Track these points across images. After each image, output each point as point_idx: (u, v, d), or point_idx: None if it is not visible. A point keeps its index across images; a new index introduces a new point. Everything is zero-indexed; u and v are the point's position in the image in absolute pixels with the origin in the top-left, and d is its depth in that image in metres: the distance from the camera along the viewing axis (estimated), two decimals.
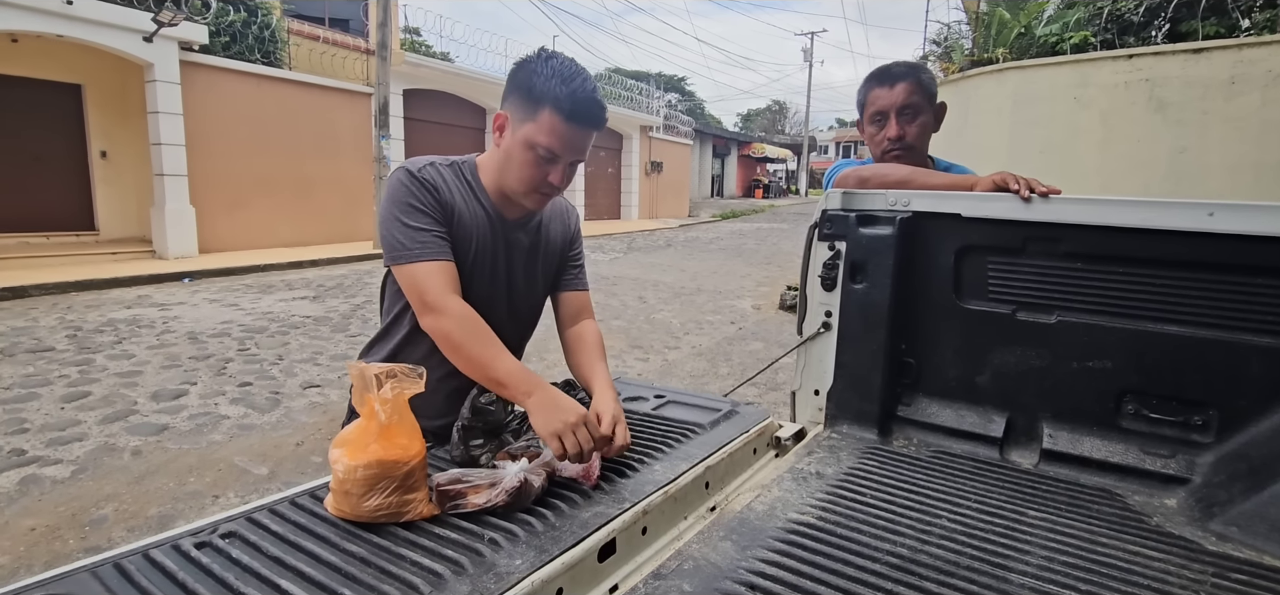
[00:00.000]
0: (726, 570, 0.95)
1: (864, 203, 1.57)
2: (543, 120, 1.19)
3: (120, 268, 8.54)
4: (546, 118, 1.19)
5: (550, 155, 1.22)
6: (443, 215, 1.25)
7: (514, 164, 1.25)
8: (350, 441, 0.96)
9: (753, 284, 9.64)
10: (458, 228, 1.28)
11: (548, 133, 1.20)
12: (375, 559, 0.87)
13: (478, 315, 1.21)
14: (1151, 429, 1.33)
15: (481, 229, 1.31)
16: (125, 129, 10.08)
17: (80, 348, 5.27)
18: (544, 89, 1.19)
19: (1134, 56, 5.47)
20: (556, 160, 1.23)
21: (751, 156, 39.81)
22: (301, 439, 3.68)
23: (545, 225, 1.43)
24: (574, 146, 1.23)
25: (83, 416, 3.87)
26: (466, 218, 1.29)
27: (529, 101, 1.21)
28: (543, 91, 1.19)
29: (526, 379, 1.17)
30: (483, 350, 1.19)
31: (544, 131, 1.20)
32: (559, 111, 1.19)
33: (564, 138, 1.21)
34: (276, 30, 11.34)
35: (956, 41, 9.35)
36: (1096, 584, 0.94)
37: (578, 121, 1.20)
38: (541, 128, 1.20)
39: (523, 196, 1.28)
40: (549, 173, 1.24)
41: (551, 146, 1.21)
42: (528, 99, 1.21)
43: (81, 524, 2.76)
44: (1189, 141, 5.25)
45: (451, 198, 1.27)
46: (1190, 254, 1.26)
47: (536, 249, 1.41)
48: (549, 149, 1.21)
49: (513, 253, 1.36)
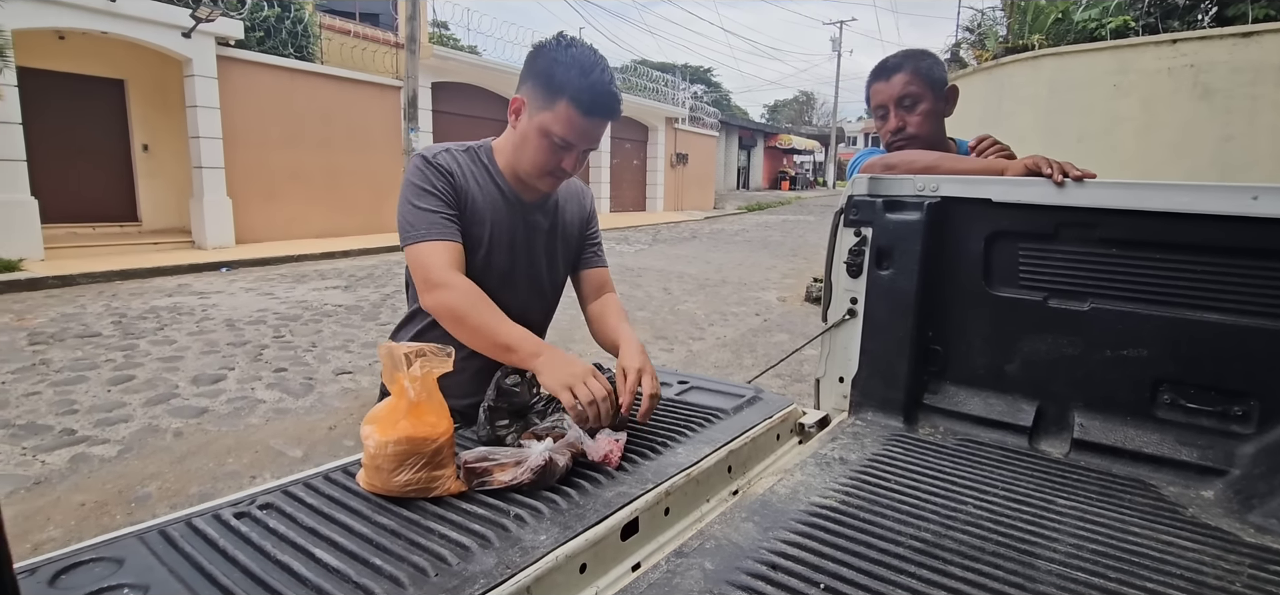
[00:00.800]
0: (748, 550, 0.96)
1: (891, 188, 1.55)
2: (560, 110, 1.21)
3: (162, 257, 8.82)
4: (563, 108, 1.21)
5: (565, 144, 1.24)
6: (454, 199, 1.28)
7: (529, 148, 1.27)
8: (381, 419, 0.99)
9: (778, 276, 9.57)
10: (472, 210, 1.31)
11: (564, 123, 1.22)
12: (405, 531, 0.90)
13: (479, 288, 1.24)
14: (1188, 419, 1.30)
15: (498, 210, 1.34)
16: (165, 123, 10.39)
17: (125, 333, 5.47)
18: (563, 79, 1.20)
19: (1178, 41, 5.28)
20: (571, 149, 1.25)
21: (778, 148, 39.41)
22: (334, 423, 3.77)
23: (562, 206, 1.45)
24: (589, 136, 1.25)
25: (128, 399, 4.02)
26: (481, 200, 1.32)
27: (547, 90, 1.22)
28: (562, 82, 1.20)
29: (533, 341, 1.19)
30: (486, 319, 1.20)
31: (561, 122, 1.22)
32: (577, 105, 1.20)
33: (580, 129, 1.23)
34: (309, 25, 11.56)
35: (990, 28, 9.13)
36: (1127, 573, 0.92)
37: (595, 114, 1.23)
38: (558, 118, 1.22)
39: (536, 180, 1.31)
40: (563, 159, 1.26)
41: (567, 136, 1.23)
42: (546, 87, 1.22)
43: (128, 500, 2.87)
44: (1236, 129, 5.06)
45: (465, 182, 1.31)
46: (1232, 239, 1.22)
47: (555, 230, 1.44)
48: (564, 138, 1.23)
49: (532, 234, 1.39)
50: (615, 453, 1.12)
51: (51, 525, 2.66)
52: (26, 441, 3.38)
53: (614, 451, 1.12)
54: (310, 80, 11.15)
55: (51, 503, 2.82)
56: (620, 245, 12.77)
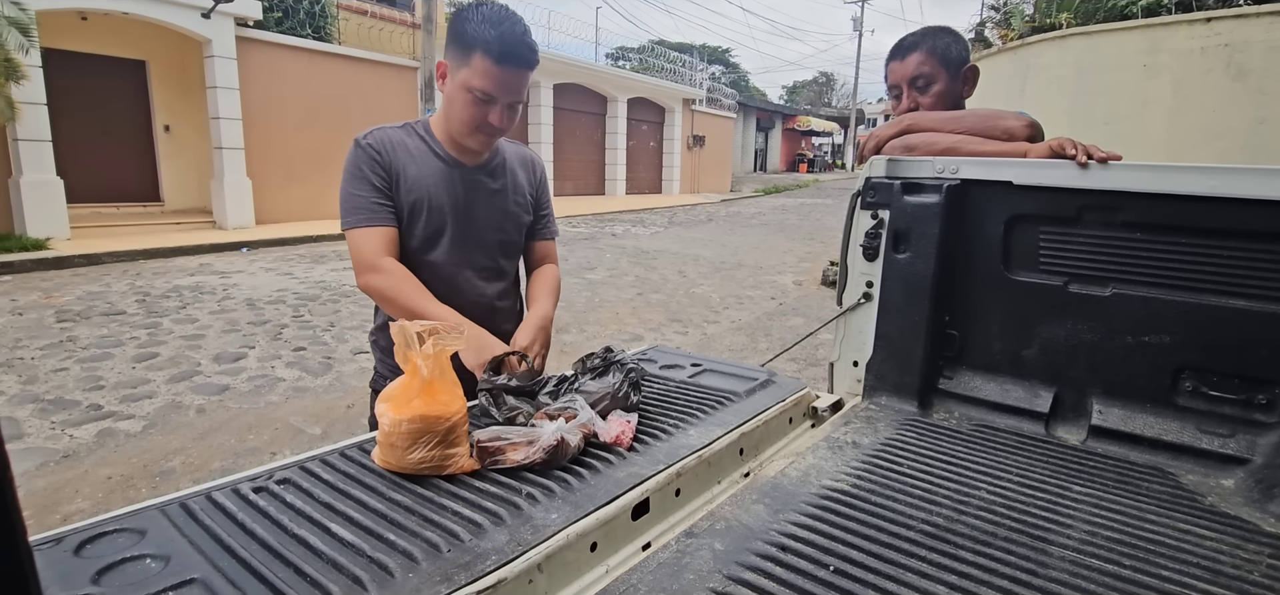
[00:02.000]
0: (758, 531, 0.96)
1: (909, 170, 1.52)
2: (475, 64, 1.28)
3: (184, 237, 8.97)
4: (478, 61, 1.28)
5: (486, 97, 1.30)
6: (385, 177, 1.35)
7: (455, 107, 1.34)
8: (395, 397, 1.00)
9: (794, 259, 9.51)
10: (406, 180, 1.37)
11: (481, 75, 1.28)
12: (419, 508, 0.91)
13: (408, 271, 1.33)
14: (1210, 407, 1.27)
15: (437, 175, 1.40)
16: (186, 104, 10.51)
17: (149, 312, 5.58)
18: (475, 34, 1.27)
19: (1212, 20, 5.11)
20: (493, 101, 1.31)
21: (796, 130, 38.94)
22: (352, 401, 3.83)
23: (510, 170, 1.52)
24: (508, 87, 1.31)
25: (152, 376, 4.11)
26: (416, 169, 1.38)
27: (462, 48, 1.29)
28: (474, 37, 1.27)
29: (454, 319, 1.28)
30: (411, 300, 1.30)
31: (477, 75, 1.28)
32: (489, 54, 1.26)
33: (496, 79, 1.28)
34: (326, 5, 11.58)
35: (1016, 7, 8.90)
36: (1142, 560, 0.91)
37: (508, 63, 1.28)
38: (475, 72, 1.28)
39: (467, 137, 1.37)
40: (488, 114, 1.32)
41: (486, 88, 1.29)
42: (461, 45, 1.29)
43: (152, 474, 2.94)
44: (1271, 111, 4.90)
45: (394, 155, 1.37)
46: (1263, 224, 1.19)
47: (504, 191, 1.50)
48: (484, 91, 1.29)
49: (475, 194, 1.45)
50: (627, 434, 1.13)
51: (79, 497, 2.74)
52: (56, 416, 3.47)
53: (626, 432, 1.13)
54: (328, 61, 11.20)
55: (79, 475, 2.91)
56: (636, 228, 12.75)
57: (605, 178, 19.35)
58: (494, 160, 1.49)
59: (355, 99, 11.57)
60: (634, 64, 24.91)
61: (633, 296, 6.83)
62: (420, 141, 1.42)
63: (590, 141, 18.76)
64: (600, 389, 1.21)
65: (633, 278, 7.81)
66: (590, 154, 18.82)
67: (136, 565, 0.77)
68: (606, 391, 1.20)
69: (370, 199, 1.35)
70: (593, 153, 18.91)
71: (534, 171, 1.59)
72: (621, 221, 13.80)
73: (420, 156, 1.41)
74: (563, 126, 17.08)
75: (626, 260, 8.98)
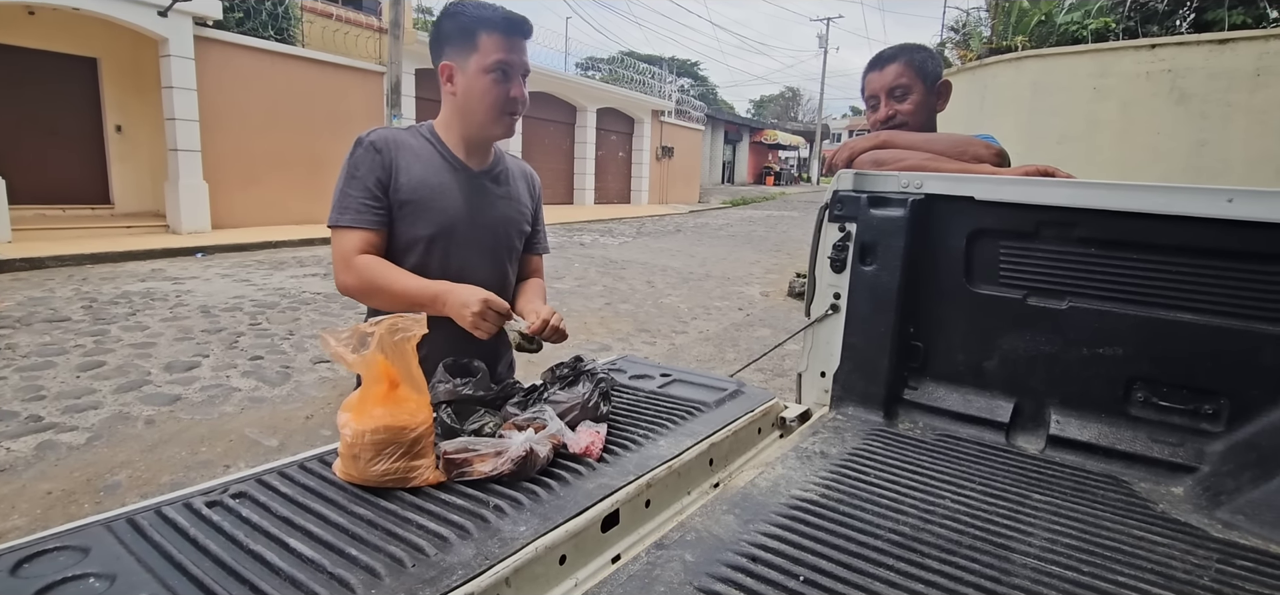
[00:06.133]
0: (728, 542, 0.96)
1: (876, 184, 1.55)
2: (485, 44, 1.33)
3: (135, 241, 8.63)
4: (486, 40, 1.33)
5: (505, 69, 1.34)
6: (381, 178, 1.35)
7: (475, 97, 1.36)
8: (357, 406, 0.97)
9: (762, 270, 9.61)
10: (410, 180, 1.37)
11: (496, 49, 1.33)
12: (382, 521, 0.88)
13: (380, 260, 1.34)
14: (1160, 417, 1.32)
15: (443, 176, 1.40)
16: (140, 104, 10.14)
17: (95, 319, 5.34)
18: (474, 17, 1.33)
19: (1157, 46, 5.37)
20: (512, 74, 1.35)
21: (763, 143, 39.50)
22: (311, 412, 3.72)
23: (512, 178, 1.54)
24: (519, 54, 1.36)
25: (98, 385, 3.93)
26: (420, 169, 1.38)
27: (464, 38, 1.33)
28: (474, 20, 1.33)
29: (431, 286, 1.31)
30: (390, 282, 1.32)
31: (492, 50, 1.33)
32: (496, 29, 1.32)
33: (508, 48, 1.34)
34: (289, 7, 11.34)
35: (975, 29, 9.21)
36: (1099, 566, 0.94)
37: (515, 32, 1.35)
38: (487, 51, 1.33)
39: (494, 124, 1.39)
40: (510, 89, 1.36)
41: (503, 58, 1.34)
42: (462, 37, 1.34)
43: (96, 489, 2.81)
44: (1211, 134, 5.16)
45: (395, 154, 1.36)
46: (1207, 241, 1.24)
47: (509, 198, 1.51)
48: (500, 63, 1.33)
49: (483, 198, 1.46)
50: (597, 444, 1.12)
51: (16, 514, 2.60)
52: None
53: (595, 443, 1.12)
54: (291, 63, 10.94)
55: (16, 491, 2.75)
56: (604, 237, 12.74)
57: (574, 187, 19.31)
58: (498, 166, 1.50)
59: (319, 103, 11.32)
60: (604, 74, 24.98)
61: (601, 306, 6.81)
62: (426, 143, 1.42)
63: (559, 150, 18.71)
64: (570, 399, 1.19)
65: (601, 287, 7.80)
66: (559, 163, 18.76)
67: (79, 585, 0.73)
68: (576, 402, 1.19)
69: (359, 199, 1.34)
70: (562, 162, 18.86)
71: (533, 185, 1.61)
72: (590, 231, 13.77)
73: (426, 157, 1.40)
74: (531, 135, 17.00)
75: (595, 270, 8.96)
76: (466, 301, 1.26)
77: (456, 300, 1.27)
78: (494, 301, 1.26)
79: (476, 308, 1.25)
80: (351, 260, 1.33)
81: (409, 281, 1.32)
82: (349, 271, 1.34)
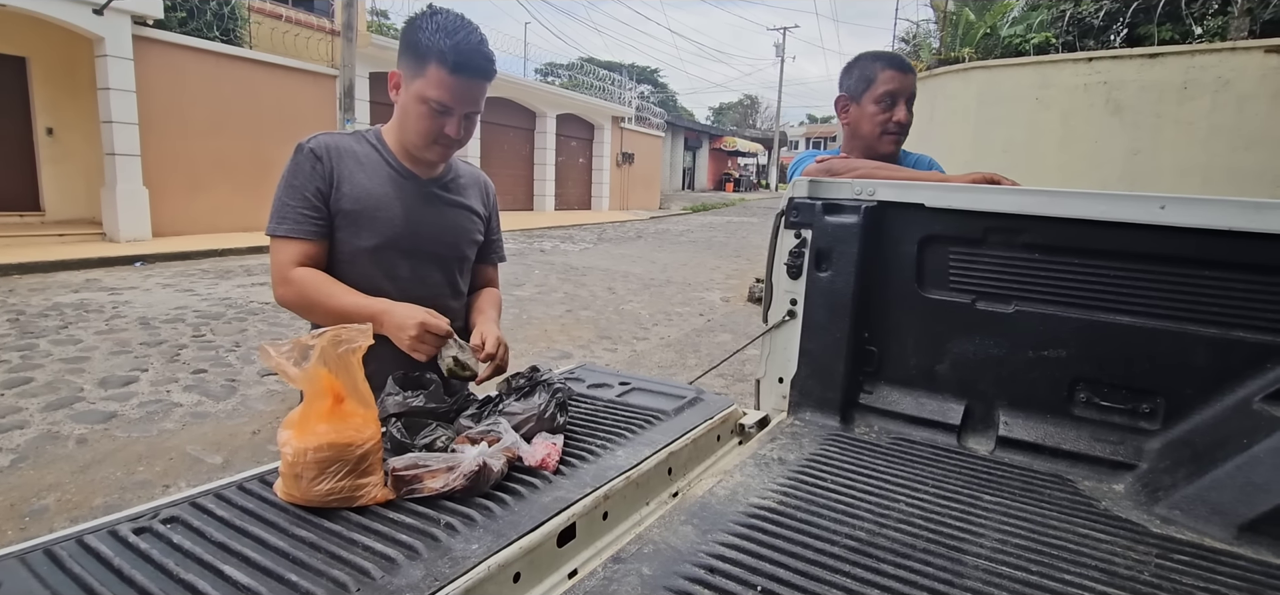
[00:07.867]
0: (686, 554, 0.95)
1: (830, 191, 1.57)
2: (430, 75, 1.24)
3: (67, 250, 8.19)
4: (433, 72, 1.24)
5: (442, 108, 1.26)
6: (321, 186, 1.30)
7: (410, 119, 1.30)
8: (299, 422, 0.93)
9: (722, 276, 9.69)
10: (353, 188, 1.31)
11: (436, 86, 1.24)
12: (326, 543, 0.84)
13: (318, 272, 1.29)
14: (1102, 416, 1.37)
15: (387, 184, 1.35)
16: (74, 106, 9.65)
17: (22, 332, 5.04)
18: (429, 44, 1.23)
19: (1093, 59, 5.62)
20: (450, 112, 1.27)
21: (723, 150, 39.96)
22: (258, 427, 3.58)
23: (464, 187, 1.48)
24: (465, 97, 1.27)
25: (24, 403, 3.70)
26: (364, 176, 1.33)
27: (417, 58, 1.25)
28: (428, 46, 1.23)
29: (371, 303, 1.26)
30: (328, 297, 1.27)
31: (433, 85, 1.25)
32: (444, 64, 1.23)
33: (453, 90, 1.25)
34: (236, 7, 10.96)
35: (925, 40, 9.50)
36: (1047, 565, 0.96)
37: (464, 73, 1.25)
38: (430, 82, 1.25)
39: (423, 150, 1.33)
40: (445, 125, 1.29)
41: (442, 99, 1.25)
42: (415, 56, 1.26)
43: (20, 514, 2.64)
44: (1143, 143, 5.42)
45: (337, 161, 1.31)
46: (1142, 246, 1.29)
47: (459, 207, 1.46)
48: (440, 102, 1.26)
49: (430, 207, 1.40)
50: (553, 456, 1.09)
51: None
52: None
53: (552, 455, 1.10)
54: (238, 65, 10.56)
55: None
56: (565, 244, 12.67)
57: (534, 193, 19.16)
58: (448, 174, 1.45)
59: (268, 106, 10.96)
60: (564, 80, 24.89)
61: (562, 313, 6.75)
62: (371, 150, 1.36)
63: (519, 156, 18.54)
64: (525, 410, 1.17)
65: (562, 294, 7.74)
66: (519, 169, 18.59)
67: None
68: (532, 413, 1.17)
69: (297, 209, 1.28)
70: (521, 167, 18.69)
71: (488, 194, 1.56)
72: (550, 237, 13.68)
73: (370, 165, 1.35)
74: (490, 141, 16.81)
75: (555, 276, 8.89)
76: (402, 324, 1.21)
77: (393, 322, 1.23)
78: (431, 324, 1.22)
79: (413, 331, 1.20)
80: (289, 273, 1.28)
81: (346, 298, 1.27)
82: (286, 285, 1.28)
